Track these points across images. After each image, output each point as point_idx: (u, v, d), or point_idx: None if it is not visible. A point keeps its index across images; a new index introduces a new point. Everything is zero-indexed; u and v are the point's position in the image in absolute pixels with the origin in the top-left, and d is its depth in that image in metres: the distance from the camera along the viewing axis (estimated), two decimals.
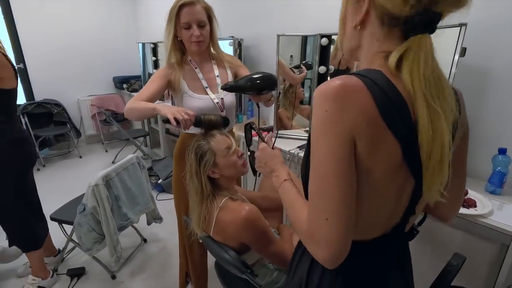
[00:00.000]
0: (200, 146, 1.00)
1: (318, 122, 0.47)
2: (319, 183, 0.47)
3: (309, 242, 0.50)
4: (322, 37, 1.62)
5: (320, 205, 0.47)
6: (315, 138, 0.47)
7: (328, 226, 0.46)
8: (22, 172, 1.55)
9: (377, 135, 0.46)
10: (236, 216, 0.95)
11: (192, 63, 1.27)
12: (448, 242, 1.11)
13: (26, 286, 1.63)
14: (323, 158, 0.46)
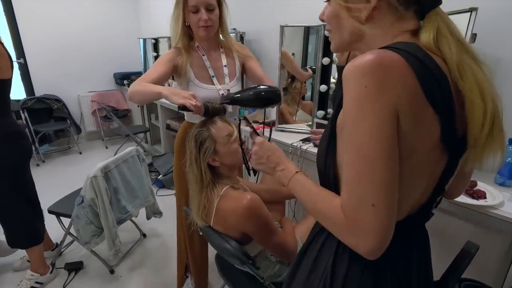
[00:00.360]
0: (200, 133, 0.97)
1: (356, 100, 0.43)
2: (361, 167, 0.43)
3: (349, 234, 0.46)
4: None
5: (364, 191, 0.43)
6: (353, 119, 0.44)
7: (375, 213, 0.43)
8: (18, 167, 1.50)
9: (419, 110, 0.43)
10: (237, 205, 0.92)
11: (200, 50, 1.23)
12: (456, 235, 1.07)
13: (23, 281, 1.60)
14: (365, 138, 0.43)
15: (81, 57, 3.91)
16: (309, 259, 0.61)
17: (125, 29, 4.13)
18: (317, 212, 0.52)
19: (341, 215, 0.46)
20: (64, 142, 3.91)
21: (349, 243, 0.46)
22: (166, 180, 2.82)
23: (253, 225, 0.93)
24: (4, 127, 1.41)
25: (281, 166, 0.64)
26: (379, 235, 0.43)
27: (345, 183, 0.46)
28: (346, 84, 0.45)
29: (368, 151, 0.43)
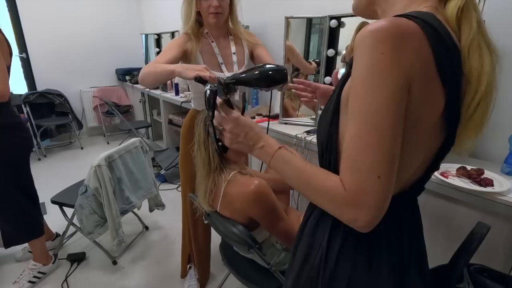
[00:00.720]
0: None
1: (371, 67, 0.41)
2: (370, 137, 0.42)
3: (349, 207, 0.44)
4: (332, 19, 1.59)
5: (371, 162, 0.42)
6: (365, 87, 0.42)
7: (380, 185, 0.42)
8: (17, 160, 1.46)
9: (429, 81, 0.43)
10: (245, 189, 0.92)
11: (209, 37, 1.23)
12: (463, 224, 1.07)
13: (26, 271, 1.60)
14: (377, 107, 0.41)
15: (83, 52, 3.91)
16: (306, 236, 0.61)
17: (128, 24, 4.13)
18: (309, 188, 0.50)
19: (340, 189, 0.45)
20: (66, 137, 3.90)
21: (347, 217, 0.45)
22: (168, 174, 2.81)
23: (260, 209, 0.92)
24: (1, 118, 1.37)
25: (260, 142, 0.58)
26: (381, 206, 0.43)
27: (348, 155, 0.45)
28: (359, 50, 0.43)
29: (381, 120, 0.41)
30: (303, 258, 0.59)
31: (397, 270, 0.54)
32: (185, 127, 1.33)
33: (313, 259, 0.57)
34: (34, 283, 1.58)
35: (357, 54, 0.44)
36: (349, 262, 0.54)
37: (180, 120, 3.00)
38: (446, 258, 0.76)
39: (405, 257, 0.55)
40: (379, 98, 0.41)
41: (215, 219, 1.05)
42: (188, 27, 1.20)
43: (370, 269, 0.53)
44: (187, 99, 2.74)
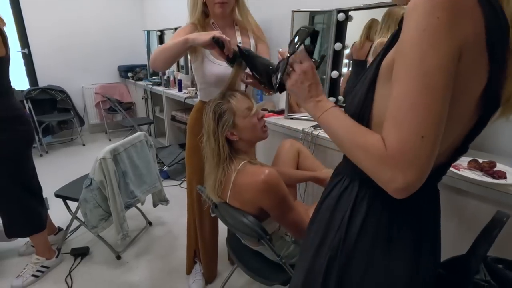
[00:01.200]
0: (219, 105, 0.95)
1: (424, 31, 0.41)
2: (419, 97, 0.41)
3: (387, 166, 0.44)
4: (339, 12, 1.57)
5: (417, 121, 0.42)
6: (417, 49, 0.42)
7: (422, 145, 0.41)
8: (17, 154, 1.43)
9: (478, 55, 0.42)
10: (255, 179, 0.90)
11: (215, 27, 1.22)
12: (475, 217, 1.05)
13: (29, 265, 1.58)
14: (429, 69, 0.41)
15: (85, 49, 3.89)
16: (324, 214, 0.61)
17: (130, 21, 4.11)
18: (352, 142, 0.50)
19: (381, 146, 0.44)
20: (67, 134, 3.89)
21: (384, 176, 0.44)
22: (171, 171, 2.80)
23: (271, 199, 0.91)
24: (1, 110, 1.32)
25: (318, 97, 0.59)
26: (421, 169, 0.42)
27: (392, 114, 0.44)
28: (412, 16, 0.43)
29: (432, 81, 0.41)
30: (322, 235, 0.59)
31: (414, 250, 0.54)
32: (192, 118, 1.32)
33: (333, 236, 0.57)
34: (37, 277, 1.57)
35: (409, 19, 0.43)
36: (369, 240, 0.54)
37: (183, 117, 2.98)
38: (457, 252, 0.74)
39: (423, 238, 0.55)
40: (431, 60, 0.41)
41: (223, 211, 1.03)
42: (195, 17, 1.20)
43: (389, 248, 0.53)
44: (190, 95, 2.73)
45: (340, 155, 0.62)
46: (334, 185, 0.62)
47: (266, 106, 2.12)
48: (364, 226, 0.54)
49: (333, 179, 0.64)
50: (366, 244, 0.54)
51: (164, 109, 3.26)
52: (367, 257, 0.54)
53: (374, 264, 0.54)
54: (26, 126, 1.45)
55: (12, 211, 1.48)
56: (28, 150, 1.50)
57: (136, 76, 3.90)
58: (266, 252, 1.12)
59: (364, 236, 0.55)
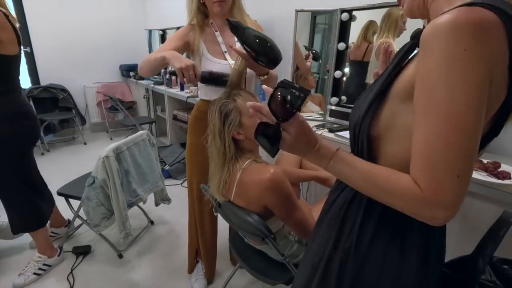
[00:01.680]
0: (225, 105, 0.94)
1: (452, 63, 0.39)
2: (451, 136, 0.40)
3: (427, 207, 0.43)
4: (343, 12, 1.57)
5: (452, 162, 0.41)
6: (445, 84, 0.40)
7: (459, 183, 0.41)
8: (23, 149, 1.45)
9: (502, 76, 0.41)
10: (260, 177, 0.90)
11: (213, 26, 1.22)
12: (479, 218, 1.05)
13: (31, 263, 1.58)
14: (460, 106, 0.39)
15: (87, 48, 3.89)
16: (333, 220, 0.61)
17: (133, 20, 4.11)
18: (379, 190, 0.48)
19: (415, 189, 0.43)
20: (69, 132, 3.88)
21: (425, 216, 0.45)
22: (172, 170, 2.80)
23: (276, 197, 0.91)
24: (9, 106, 1.35)
25: (315, 146, 0.54)
26: (459, 203, 0.43)
27: (424, 153, 0.43)
28: (435, 45, 0.40)
29: (464, 119, 0.40)
30: (334, 238, 0.59)
31: (425, 257, 0.54)
32: (192, 116, 1.32)
33: (345, 239, 0.56)
34: (39, 275, 1.56)
35: (430, 48, 0.41)
36: (383, 243, 0.53)
37: (185, 116, 2.98)
38: (460, 252, 0.74)
39: (431, 244, 0.55)
40: (462, 96, 0.39)
41: (227, 210, 1.03)
42: (191, 17, 1.21)
43: (403, 255, 0.53)
44: (192, 94, 2.73)
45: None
46: (345, 185, 0.61)
47: None
48: (378, 228, 0.54)
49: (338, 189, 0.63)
50: (380, 247, 0.54)
51: (166, 108, 3.26)
52: (382, 260, 0.54)
53: (388, 267, 0.54)
54: (33, 121, 1.47)
55: (18, 206, 1.49)
56: (33, 145, 1.52)
57: (138, 76, 3.90)
58: (270, 252, 1.12)
59: (378, 239, 0.54)
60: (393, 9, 1.42)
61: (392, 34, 1.45)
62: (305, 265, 0.68)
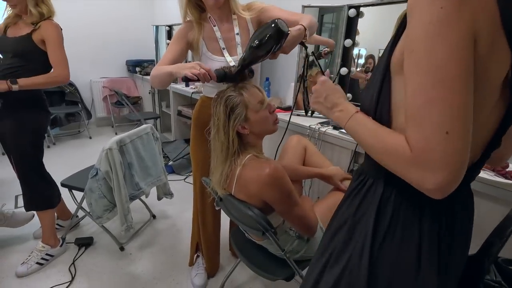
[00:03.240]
0: (231, 98, 0.92)
1: (430, 23, 0.40)
2: (436, 92, 0.40)
3: (414, 167, 0.42)
4: (350, 8, 1.55)
5: (437, 118, 0.40)
6: (425, 43, 0.40)
7: (448, 141, 0.39)
8: (42, 132, 1.60)
9: (494, 36, 0.40)
10: (260, 172, 0.89)
11: (211, 21, 1.17)
12: (485, 218, 1.03)
13: (34, 253, 1.60)
14: (443, 61, 0.39)
15: (94, 43, 3.91)
16: (346, 215, 0.59)
17: (140, 15, 4.13)
18: (378, 147, 0.49)
19: (405, 148, 0.43)
20: (75, 126, 3.92)
21: (413, 178, 0.43)
22: (176, 165, 2.81)
23: (275, 193, 0.90)
24: (37, 91, 1.53)
25: (339, 107, 0.60)
26: (452, 166, 0.40)
27: (412, 113, 0.42)
28: (415, 8, 0.41)
29: (446, 72, 0.39)
30: (346, 238, 0.58)
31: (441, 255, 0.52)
32: (196, 111, 1.31)
33: (357, 239, 0.55)
34: (42, 265, 1.58)
35: (412, 13, 0.42)
36: (396, 243, 0.52)
37: (190, 112, 2.99)
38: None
39: (454, 243, 0.54)
40: (442, 52, 0.39)
41: (228, 204, 1.03)
42: (184, 13, 1.16)
43: (420, 256, 0.51)
44: (197, 90, 2.73)
45: (346, 153, 0.62)
46: (357, 185, 0.60)
47: (273, 102, 2.10)
48: (391, 227, 0.52)
49: (355, 180, 0.62)
50: (393, 247, 0.52)
51: (171, 104, 3.27)
52: (396, 260, 0.52)
53: (401, 266, 0.52)
54: (47, 107, 1.65)
55: (34, 185, 1.56)
56: (46, 130, 1.66)
57: (144, 71, 3.92)
58: (270, 247, 1.11)
59: (391, 239, 0.53)
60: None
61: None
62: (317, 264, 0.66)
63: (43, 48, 1.48)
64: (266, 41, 0.87)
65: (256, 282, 1.55)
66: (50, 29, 1.47)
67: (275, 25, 0.85)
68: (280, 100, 2.17)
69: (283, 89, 2.28)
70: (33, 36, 1.44)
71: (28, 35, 1.44)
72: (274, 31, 0.86)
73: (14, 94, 1.40)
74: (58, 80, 1.54)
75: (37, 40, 1.45)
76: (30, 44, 1.44)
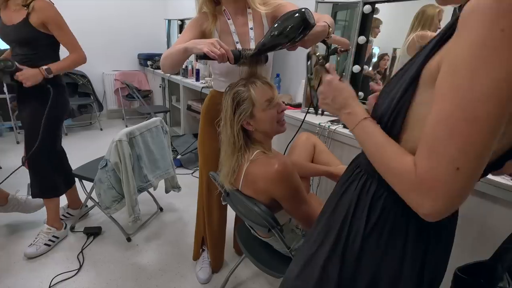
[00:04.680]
0: (239, 92, 0.92)
1: (483, 45, 0.34)
2: (461, 125, 0.36)
3: (415, 192, 0.41)
4: (365, 4, 1.52)
5: (454, 152, 0.37)
6: (470, 67, 0.35)
7: (458, 176, 0.38)
8: (61, 119, 1.62)
9: None
10: (268, 169, 0.88)
11: (226, 14, 1.16)
12: (499, 223, 1.00)
13: (41, 235, 1.65)
14: (481, 94, 0.35)
15: (108, 36, 3.96)
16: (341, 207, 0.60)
17: (152, 10, 4.15)
18: (383, 164, 0.48)
19: (411, 172, 0.42)
20: (86, 118, 3.99)
21: (412, 201, 0.42)
22: (184, 159, 2.82)
23: (283, 189, 0.89)
24: (57, 78, 1.55)
25: (347, 109, 0.57)
26: (454, 199, 0.39)
27: (429, 137, 0.40)
28: (470, 21, 0.36)
29: (483, 109, 0.35)
30: (336, 234, 0.58)
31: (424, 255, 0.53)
32: (205, 105, 1.31)
33: (346, 234, 0.56)
34: (49, 246, 1.64)
35: (465, 25, 0.37)
36: (382, 244, 0.53)
37: (199, 106, 2.99)
38: (474, 258, 0.70)
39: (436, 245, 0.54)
40: (486, 85, 0.35)
41: (235, 199, 1.02)
42: (200, 5, 1.15)
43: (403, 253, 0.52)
44: (207, 84, 2.73)
45: (356, 152, 0.61)
46: (352, 180, 0.59)
47: (283, 99, 2.09)
48: (376, 226, 0.53)
49: (351, 171, 0.62)
50: (379, 246, 0.53)
51: (181, 98, 3.28)
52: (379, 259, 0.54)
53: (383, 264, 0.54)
54: (67, 94, 1.66)
55: (47, 170, 1.59)
56: (65, 116, 1.68)
57: (155, 65, 3.94)
58: (275, 244, 1.10)
59: (377, 239, 0.53)
60: (428, 6, 1.35)
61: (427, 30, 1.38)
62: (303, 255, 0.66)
63: (45, 30, 1.44)
64: (289, 29, 0.81)
65: (260, 279, 1.55)
66: (47, 11, 1.42)
67: (301, 14, 0.80)
68: (290, 97, 2.15)
69: (294, 85, 2.25)
70: (31, 20, 1.39)
71: (26, 21, 1.39)
72: (299, 20, 0.81)
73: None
74: (80, 61, 1.61)
75: (36, 23, 1.40)
76: (31, 30, 1.40)
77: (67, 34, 1.52)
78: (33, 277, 1.47)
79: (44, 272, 1.50)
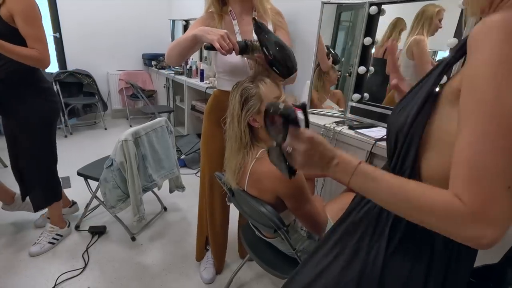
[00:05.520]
0: (247, 89, 0.92)
1: (502, 63, 0.36)
2: (502, 141, 0.36)
3: (476, 223, 0.37)
4: (372, 5, 1.51)
5: (500, 171, 0.36)
6: (495, 85, 0.37)
7: (509, 196, 0.36)
8: (51, 122, 1.54)
9: None
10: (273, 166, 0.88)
11: (232, 14, 1.18)
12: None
13: (44, 233, 1.66)
14: (508, 107, 0.36)
15: (112, 36, 3.98)
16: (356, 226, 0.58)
17: (157, 10, 4.17)
18: (412, 207, 0.42)
19: (457, 203, 0.38)
20: (91, 117, 4.01)
21: (470, 234, 0.38)
22: (188, 159, 2.83)
23: (288, 188, 0.89)
24: (36, 81, 1.43)
25: (335, 159, 0.50)
26: (509, 222, 0.38)
27: (468, 161, 0.38)
28: (484, 43, 0.38)
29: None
30: (355, 246, 0.57)
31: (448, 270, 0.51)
32: (209, 105, 1.32)
33: (367, 249, 0.55)
34: (53, 244, 1.65)
35: (479, 46, 0.39)
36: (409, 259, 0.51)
37: (203, 107, 3.00)
38: (483, 261, 0.69)
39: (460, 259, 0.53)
40: (510, 96, 0.36)
41: (240, 199, 1.02)
42: (208, 4, 1.17)
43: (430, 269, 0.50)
44: (212, 85, 2.74)
45: (362, 153, 0.59)
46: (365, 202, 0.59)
47: (288, 99, 2.08)
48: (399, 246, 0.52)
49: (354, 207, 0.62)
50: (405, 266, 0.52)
51: (185, 98, 3.29)
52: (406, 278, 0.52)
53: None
54: (56, 97, 1.57)
55: (44, 181, 1.57)
56: (57, 120, 1.60)
57: (160, 65, 3.96)
58: (280, 245, 1.10)
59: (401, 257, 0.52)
60: (428, 5, 1.35)
61: (426, 32, 1.37)
62: (316, 266, 0.65)
63: (15, 26, 1.26)
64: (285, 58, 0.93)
65: (264, 279, 1.55)
66: (17, 2, 1.22)
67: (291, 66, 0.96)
68: (295, 98, 2.15)
69: (298, 86, 2.25)
70: (1, 13, 1.22)
71: None
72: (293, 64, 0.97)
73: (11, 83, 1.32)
74: (38, 59, 1.28)
75: (6, 17, 1.23)
76: (1, 25, 1.23)
77: (33, 28, 1.26)
78: (39, 275, 1.48)
79: (50, 270, 1.52)
